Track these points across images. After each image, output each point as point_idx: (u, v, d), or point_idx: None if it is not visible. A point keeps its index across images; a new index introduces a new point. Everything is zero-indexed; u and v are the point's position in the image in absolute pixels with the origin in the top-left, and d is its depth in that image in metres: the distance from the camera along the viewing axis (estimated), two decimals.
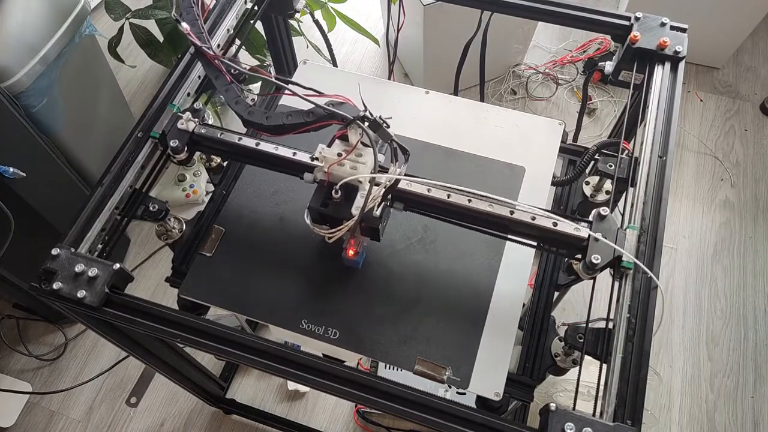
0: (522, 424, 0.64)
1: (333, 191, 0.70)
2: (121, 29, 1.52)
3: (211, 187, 1.21)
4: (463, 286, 0.82)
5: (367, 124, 0.68)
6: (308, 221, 0.74)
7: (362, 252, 0.79)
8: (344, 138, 0.72)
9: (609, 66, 0.97)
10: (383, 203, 0.71)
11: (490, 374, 0.76)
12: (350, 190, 0.71)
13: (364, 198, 0.68)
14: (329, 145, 0.73)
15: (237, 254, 0.86)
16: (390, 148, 0.70)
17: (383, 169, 0.70)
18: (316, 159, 0.73)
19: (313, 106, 0.70)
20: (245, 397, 1.50)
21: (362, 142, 0.71)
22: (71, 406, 1.51)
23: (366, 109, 0.69)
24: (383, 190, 0.69)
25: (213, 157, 0.97)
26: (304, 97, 0.71)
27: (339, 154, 0.71)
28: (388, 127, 0.68)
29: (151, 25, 1.55)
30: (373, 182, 0.69)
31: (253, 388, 1.52)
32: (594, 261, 0.69)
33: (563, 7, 0.95)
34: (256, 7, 1.00)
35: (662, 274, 1.66)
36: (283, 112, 0.72)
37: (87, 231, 0.76)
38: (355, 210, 0.69)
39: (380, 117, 0.68)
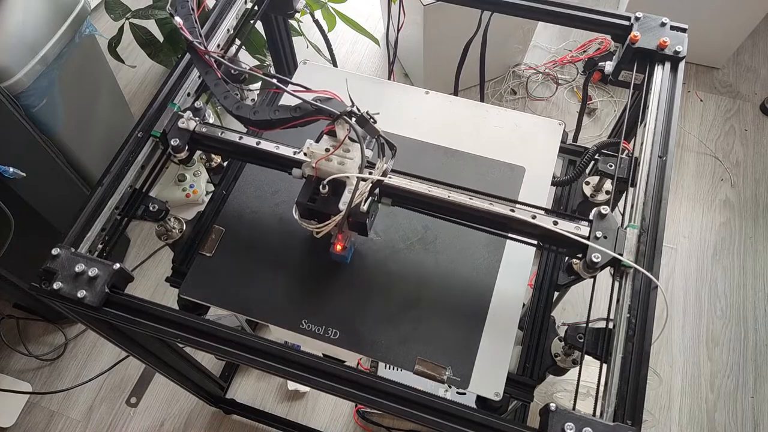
0: (522, 424, 0.64)
1: (321, 186, 0.70)
2: (121, 29, 1.52)
3: (211, 187, 1.21)
4: (463, 286, 0.82)
5: (354, 119, 0.68)
6: (296, 216, 0.74)
7: (350, 247, 0.79)
8: (332, 134, 0.72)
9: (609, 66, 0.97)
10: (370, 198, 0.71)
11: (490, 374, 0.76)
12: (338, 185, 0.71)
13: (351, 193, 0.68)
14: (317, 141, 0.73)
15: (237, 254, 0.86)
16: (377, 143, 0.70)
17: (370, 165, 0.70)
18: (304, 154, 0.73)
19: (301, 101, 0.70)
20: (245, 397, 1.50)
21: (350, 138, 0.71)
22: (71, 406, 1.51)
23: (353, 104, 0.69)
24: (370, 185, 0.69)
25: (213, 157, 0.97)
26: (292, 92, 0.71)
27: (327, 150, 0.71)
28: (375, 122, 0.68)
29: (151, 25, 1.55)
30: (361, 177, 0.69)
31: (253, 388, 1.52)
32: (594, 260, 0.69)
33: (563, 7, 0.95)
34: (256, 7, 1.00)
35: (662, 274, 1.66)
36: (270, 107, 0.73)
37: (87, 231, 0.76)
38: (343, 205, 0.70)
39: (367, 112, 0.68)
